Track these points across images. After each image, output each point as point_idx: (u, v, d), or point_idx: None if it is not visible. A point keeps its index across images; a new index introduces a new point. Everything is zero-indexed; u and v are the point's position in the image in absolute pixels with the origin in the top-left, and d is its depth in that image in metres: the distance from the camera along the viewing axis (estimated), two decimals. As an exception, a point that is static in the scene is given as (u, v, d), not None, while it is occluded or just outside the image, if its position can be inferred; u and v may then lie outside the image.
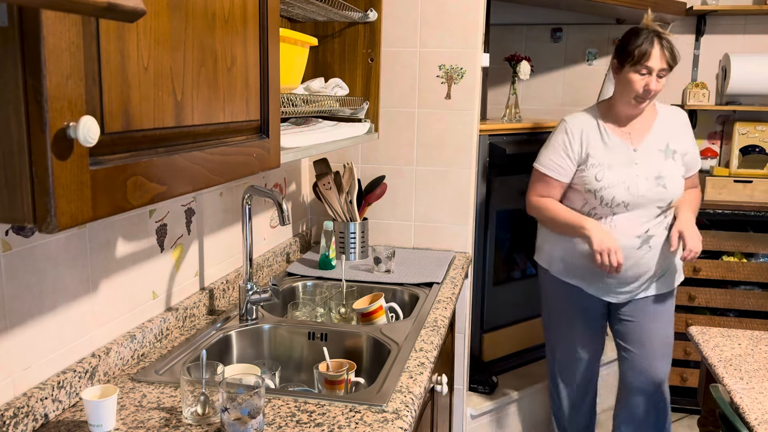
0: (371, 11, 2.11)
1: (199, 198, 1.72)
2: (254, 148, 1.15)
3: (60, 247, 1.22)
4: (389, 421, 1.20)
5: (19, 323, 1.13)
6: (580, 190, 2.17)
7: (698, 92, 3.52)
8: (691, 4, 3.44)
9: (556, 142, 2.20)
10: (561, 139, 2.20)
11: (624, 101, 2.13)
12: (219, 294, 1.80)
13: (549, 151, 2.22)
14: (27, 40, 0.63)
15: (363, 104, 2.15)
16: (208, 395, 1.19)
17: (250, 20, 1.10)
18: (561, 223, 2.18)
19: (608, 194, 2.10)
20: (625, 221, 2.12)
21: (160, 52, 0.85)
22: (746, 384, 1.53)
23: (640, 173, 2.11)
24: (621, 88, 2.13)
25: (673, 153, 2.15)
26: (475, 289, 2.75)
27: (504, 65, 3.15)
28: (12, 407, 1.08)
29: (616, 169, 2.12)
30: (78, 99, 0.68)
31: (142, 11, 0.63)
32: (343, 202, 2.29)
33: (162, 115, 0.87)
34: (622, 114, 2.17)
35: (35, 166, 0.65)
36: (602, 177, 2.11)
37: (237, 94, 1.08)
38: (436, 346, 1.58)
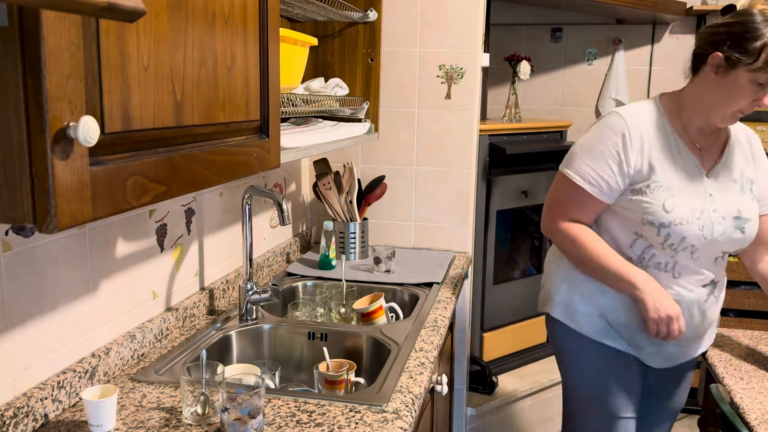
0: (371, 11, 2.11)
1: (199, 198, 1.72)
2: (254, 148, 1.15)
3: (60, 247, 1.22)
4: (389, 421, 1.20)
5: (19, 323, 1.13)
6: (633, 221, 1.56)
7: (698, 92, 3.52)
8: (691, 4, 3.44)
9: (605, 145, 1.54)
10: (613, 142, 1.54)
11: (717, 111, 1.52)
12: (219, 294, 1.80)
13: (591, 156, 1.56)
14: (27, 40, 0.63)
15: (363, 104, 2.15)
16: (208, 395, 1.19)
17: (250, 20, 1.10)
18: (603, 270, 1.57)
19: (677, 232, 1.51)
20: (690, 270, 1.57)
21: (160, 52, 0.85)
22: (746, 384, 1.53)
23: (718, 209, 1.54)
24: (720, 92, 1.49)
25: (750, 184, 1.61)
26: (475, 289, 2.76)
27: (504, 65, 3.15)
28: (12, 407, 1.08)
29: (688, 199, 1.53)
30: (78, 99, 0.68)
31: (142, 11, 0.63)
32: (343, 202, 2.29)
33: (162, 115, 0.87)
34: (702, 124, 1.57)
35: (35, 166, 0.65)
36: (672, 207, 1.51)
37: (237, 94, 1.08)
38: (436, 346, 1.58)
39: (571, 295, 1.67)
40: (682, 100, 1.59)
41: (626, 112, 1.56)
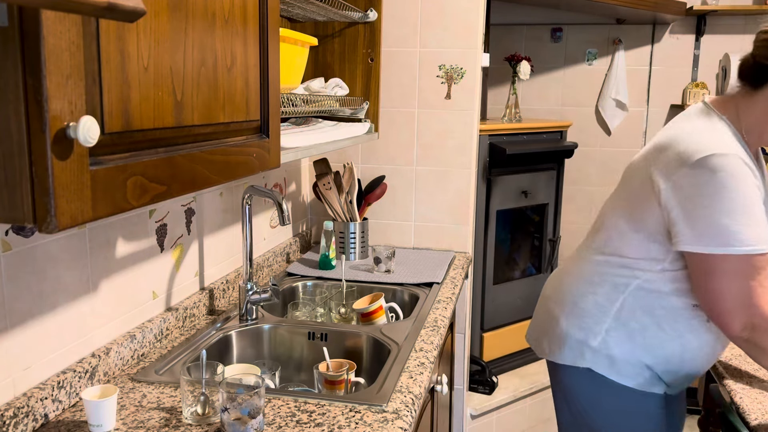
0: (371, 11, 2.11)
1: (199, 198, 1.72)
2: (254, 148, 1.15)
3: (60, 247, 1.22)
4: (389, 421, 1.20)
5: (19, 323, 1.13)
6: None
7: (698, 92, 3.52)
8: (691, 4, 3.44)
9: (748, 196, 1.28)
10: (753, 185, 1.29)
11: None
12: (219, 294, 1.80)
13: (746, 213, 1.27)
14: (27, 40, 0.63)
15: (363, 104, 2.15)
16: (208, 395, 1.19)
17: (250, 20, 1.10)
18: None
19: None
20: None
21: (160, 52, 0.85)
22: (746, 384, 1.53)
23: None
24: None
25: None
26: (475, 289, 2.76)
27: (504, 65, 3.15)
28: (12, 407, 1.08)
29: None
30: (78, 99, 0.68)
31: (142, 11, 0.63)
32: (343, 202, 2.29)
33: (162, 115, 0.87)
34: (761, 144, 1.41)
35: (35, 166, 0.65)
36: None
37: (237, 94, 1.08)
38: (436, 346, 1.58)
39: (623, 347, 1.47)
40: (748, 119, 1.37)
41: (730, 148, 1.29)
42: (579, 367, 1.51)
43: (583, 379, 1.53)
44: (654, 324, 1.44)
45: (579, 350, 1.51)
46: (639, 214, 1.42)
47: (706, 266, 1.32)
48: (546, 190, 2.94)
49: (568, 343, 1.53)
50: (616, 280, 1.47)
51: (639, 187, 1.43)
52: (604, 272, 1.50)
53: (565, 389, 1.59)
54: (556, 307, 1.58)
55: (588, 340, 1.50)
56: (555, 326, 1.57)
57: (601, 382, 1.51)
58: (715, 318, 1.36)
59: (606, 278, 1.49)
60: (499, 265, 2.86)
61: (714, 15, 3.47)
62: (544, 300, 1.67)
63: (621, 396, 1.50)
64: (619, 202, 1.51)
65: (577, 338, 1.51)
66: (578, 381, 1.54)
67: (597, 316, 1.49)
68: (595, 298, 1.50)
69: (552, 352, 1.57)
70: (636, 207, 1.43)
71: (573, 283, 1.56)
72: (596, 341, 1.49)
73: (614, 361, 1.48)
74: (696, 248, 1.31)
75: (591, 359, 1.50)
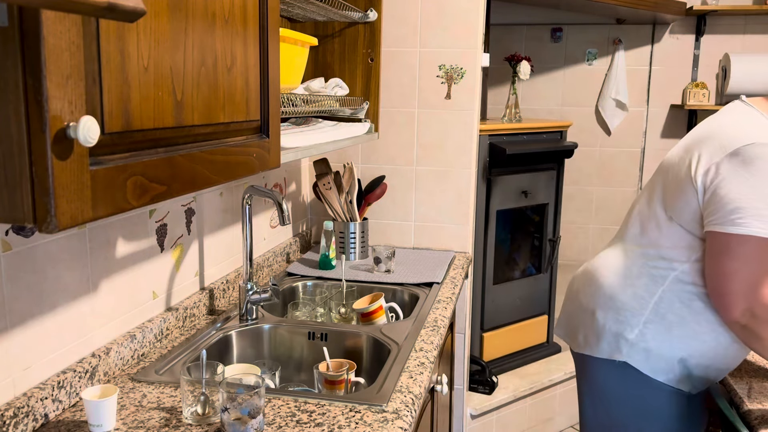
0: (371, 11, 2.11)
1: (199, 198, 1.72)
2: (254, 148, 1.15)
3: (60, 247, 1.22)
4: (389, 421, 1.20)
5: (19, 323, 1.13)
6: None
7: (698, 92, 3.52)
8: (691, 4, 3.44)
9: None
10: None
11: None
12: (219, 294, 1.80)
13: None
14: (27, 40, 0.63)
15: (363, 104, 2.15)
16: (208, 395, 1.19)
17: (250, 20, 1.10)
18: None
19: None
20: None
21: (160, 52, 0.85)
22: (746, 384, 1.53)
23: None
24: None
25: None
26: (475, 288, 2.76)
27: (504, 65, 3.15)
28: (12, 407, 1.08)
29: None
30: (78, 99, 0.68)
31: (142, 11, 0.63)
32: (343, 202, 2.29)
33: (162, 115, 0.87)
34: None
35: (35, 166, 0.65)
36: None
37: (237, 94, 1.08)
38: (436, 346, 1.58)
39: (660, 340, 1.47)
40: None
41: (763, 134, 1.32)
42: (615, 360, 1.51)
43: (617, 372, 1.52)
44: (691, 316, 1.44)
45: (616, 344, 1.51)
46: (676, 204, 1.43)
47: (723, 246, 1.33)
48: (546, 190, 2.94)
49: (605, 336, 1.52)
50: (653, 272, 1.48)
51: (676, 178, 1.44)
52: (642, 264, 1.50)
53: (596, 383, 1.58)
54: (591, 300, 1.58)
55: (625, 333, 1.49)
56: (591, 320, 1.56)
57: (634, 378, 1.50)
58: (717, 298, 1.37)
59: (643, 270, 1.49)
60: (499, 265, 2.86)
61: (714, 15, 3.47)
62: (573, 295, 1.67)
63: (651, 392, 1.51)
64: (655, 193, 1.51)
65: (615, 331, 1.51)
66: (612, 375, 1.53)
67: (635, 308, 1.49)
68: (633, 290, 1.50)
69: (588, 345, 1.57)
70: (674, 197, 1.44)
71: (608, 276, 1.56)
72: (633, 334, 1.49)
73: (650, 354, 1.48)
74: (720, 228, 1.32)
75: (627, 352, 1.49)
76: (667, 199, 1.47)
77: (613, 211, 3.88)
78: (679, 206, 1.43)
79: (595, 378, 1.58)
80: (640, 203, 1.57)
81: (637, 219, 1.56)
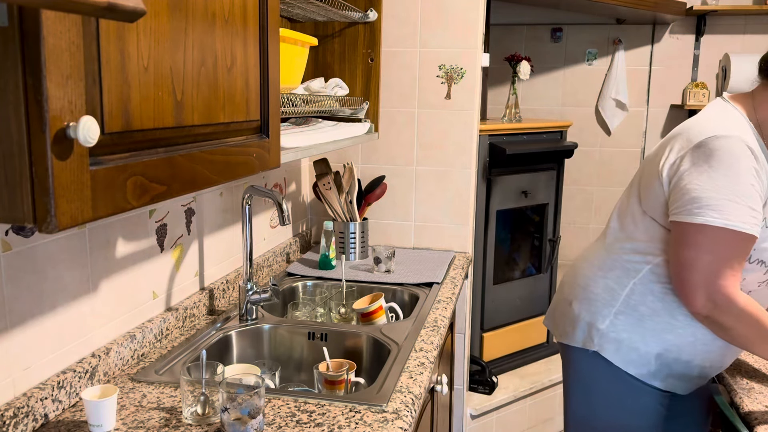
0: (371, 11, 2.11)
1: (199, 198, 1.72)
2: (254, 148, 1.15)
3: (60, 247, 1.22)
4: (389, 421, 1.20)
5: (19, 323, 1.13)
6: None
7: (698, 92, 3.52)
8: (691, 4, 3.44)
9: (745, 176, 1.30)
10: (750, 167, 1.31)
11: None
12: (219, 294, 1.80)
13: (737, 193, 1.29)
14: (27, 40, 0.63)
15: (363, 104, 2.15)
16: (208, 395, 1.19)
17: (250, 20, 1.10)
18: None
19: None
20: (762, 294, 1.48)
21: (160, 52, 0.85)
22: (746, 384, 1.53)
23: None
24: None
25: None
26: (475, 289, 2.76)
27: (504, 65, 3.15)
28: (12, 407, 1.08)
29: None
30: (78, 99, 0.68)
31: (142, 11, 0.63)
32: (343, 202, 2.29)
33: (162, 115, 0.87)
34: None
35: (35, 166, 0.65)
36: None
37: (237, 94, 1.08)
38: (436, 346, 1.58)
39: (632, 331, 1.47)
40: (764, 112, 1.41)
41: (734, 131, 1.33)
42: (588, 350, 1.54)
43: (590, 362, 1.55)
44: (665, 310, 1.45)
45: (588, 333, 1.54)
46: (649, 198, 1.46)
47: (682, 237, 1.35)
48: (546, 190, 2.94)
49: (579, 325, 1.56)
50: (627, 265, 1.49)
51: (649, 173, 1.47)
52: (616, 257, 1.52)
53: (575, 372, 1.61)
54: (570, 292, 1.62)
55: (596, 323, 1.52)
56: (568, 310, 1.61)
57: (604, 367, 1.52)
58: (680, 289, 1.38)
59: (617, 263, 1.51)
60: (499, 265, 2.86)
61: (714, 15, 3.47)
62: (560, 287, 1.72)
63: (621, 384, 1.51)
64: (633, 188, 1.54)
65: (587, 321, 1.54)
66: (587, 364, 1.56)
67: (606, 299, 1.52)
68: (605, 281, 1.53)
69: (566, 334, 1.61)
70: (646, 191, 1.47)
71: (586, 268, 1.60)
72: (604, 324, 1.51)
73: (621, 345, 1.49)
74: (679, 218, 1.34)
75: (598, 342, 1.52)
76: (642, 194, 1.49)
77: (613, 211, 3.87)
78: (650, 199, 1.45)
79: (574, 367, 1.61)
80: (621, 199, 1.60)
81: (616, 214, 1.59)
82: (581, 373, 1.59)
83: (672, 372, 1.49)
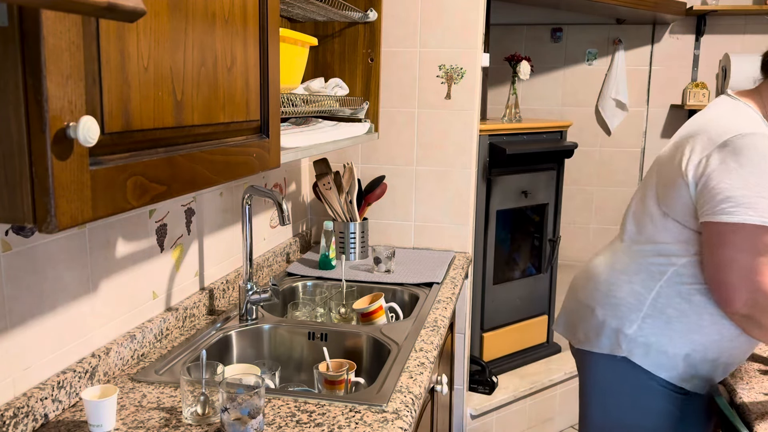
0: (371, 11, 2.11)
1: (199, 198, 1.72)
2: (254, 148, 1.15)
3: (60, 247, 1.22)
4: (389, 421, 1.20)
5: (19, 323, 1.13)
6: None
7: (698, 92, 3.52)
8: (691, 4, 3.44)
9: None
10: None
11: None
12: (219, 294, 1.80)
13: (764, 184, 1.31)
14: (27, 40, 0.63)
15: (363, 104, 2.15)
16: (208, 395, 1.19)
17: (250, 20, 1.10)
18: None
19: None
20: None
21: (160, 52, 0.85)
22: (746, 384, 1.53)
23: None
24: None
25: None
26: (475, 289, 2.76)
27: (504, 65, 3.15)
28: (12, 407, 1.08)
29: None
30: (78, 99, 0.68)
31: (142, 11, 0.63)
32: (343, 202, 2.29)
33: (162, 115, 0.87)
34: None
35: (35, 166, 0.65)
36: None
37: (237, 94, 1.08)
38: (436, 346, 1.58)
39: (660, 334, 1.46)
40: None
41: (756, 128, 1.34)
42: (615, 356, 1.51)
43: (617, 368, 1.52)
44: (692, 310, 1.44)
45: (615, 339, 1.51)
46: (669, 199, 1.44)
47: (717, 237, 1.34)
48: (546, 190, 2.94)
49: (605, 332, 1.53)
50: (651, 268, 1.48)
51: (668, 174, 1.46)
52: (640, 261, 1.50)
53: (597, 379, 1.58)
54: (589, 297, 1.59)
55: (624, 328, 1.50)
56: (590, 316, 1.57)
57: (634, 374, 1.50)
58: (717, 290, 1.36)
59: (641, 266, 1.50)
60: (499, 265, 2.86)
61: (714, 15, 3.47)
62: (573, 293, 1.69)
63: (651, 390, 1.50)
64: (648, 190, 1.52)
65: (614, 327, 1.51)
66: (612, 371, 1.53)
67: (633, 303, 1.50)
68: (631, 286, 1.51)
69: (589, 341, 1.57)
70: (667, 193, 1.45)
71: (607, 273, 1.57)
72: (632, 329, 1.49)
73: (650, 349, 1.47)
74: (712, 218, 1.33)
75: (627, 348, 1.49)
76: (660, 195, 1.47)
77: (613, 211, 3.88)
78: (672, 201, 1.44)
79: (595, 374, 1.58)
80: (635, 201, 1.58)
81: (632, 217, 1.57)
82: (604, 379, 1.56)
83: (698, 372, 1.48)
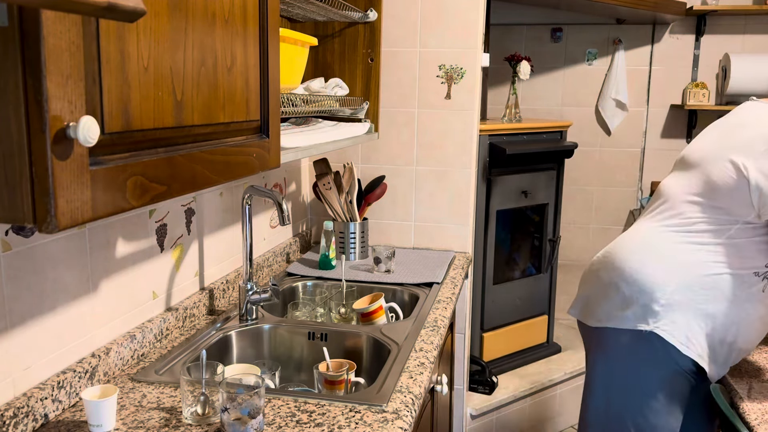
0: (371, 11, 2.11)
1: (199, 198, 1.72)
2: (254, 148, 1.15)
3: (60, 247, 1.22)
4: (389, 421, 1.20)
5: (19, 323, 1.13)
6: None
7: (698, 92, 3.52)
8: (691, 4, 3.44)
9: None
10: None
11: None
12: (219, 294, 1.80)
13: None
14: (27, 40, 0.63)
15: (363, 104, 2.15)
16: (208, 395, 1.19)
17: (250, 20, 1.10)
18: None
19: None
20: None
21: (160, 52, 0.85)
22: (746, 384, 1.53)
23: None
24: None
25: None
26: (475, 289, 2.76)
27: (504, 65, 3.15)
28: (12, 407, 1.08)
29: None
30: (78, 99, 0.68)
31: (142, 11, 0.63)
32: (343, 202, 2.29)
33: (162, 115, 0.87)
34: None
35: (35, 166, 0.65)
36: None
37: (237, 94, 1.08)
38: (436, 346, 1.58)
39: (686, 313, 1.52)
40: None
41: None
42: (640, 330, 1.54)
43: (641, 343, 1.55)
44: (719, 292, 1.51)
45: (642, 313, 1.55)
46: (726, 197, 1.50)
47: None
48: (546, 190, 2.94)
49: (631, 307, 1.56)
50: (684, 249, 1.54)
51: (723, 173, 1.50)
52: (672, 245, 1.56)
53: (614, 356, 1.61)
54: (614, 275, 1.62)
55: (651, 304, 1.53)
56: (614, 294, 1.60)
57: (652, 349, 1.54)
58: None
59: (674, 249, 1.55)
60: (499, 265, 2.86)
61: (714, 15, 3.47)
62: (593, 275, 1.71)
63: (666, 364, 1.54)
64: (694, 180, 1.57)
65: (641, 302, 1.55)
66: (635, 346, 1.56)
67: (663, 280, 1.54)
68: (660, 265, 1.56)
69: (611, 318, 1.60)
70: (723, 189, 1.50)
71: (636, 252, 1.61)
72: (659, 305, 1.52)
73: (676, 325, 1.52)
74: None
75: (652, 322, 1.53)
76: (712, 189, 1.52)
77: (613, 211, 3.87)
78: (728, 197, 1.49)
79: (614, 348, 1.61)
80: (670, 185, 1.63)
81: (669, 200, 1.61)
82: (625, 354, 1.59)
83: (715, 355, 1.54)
